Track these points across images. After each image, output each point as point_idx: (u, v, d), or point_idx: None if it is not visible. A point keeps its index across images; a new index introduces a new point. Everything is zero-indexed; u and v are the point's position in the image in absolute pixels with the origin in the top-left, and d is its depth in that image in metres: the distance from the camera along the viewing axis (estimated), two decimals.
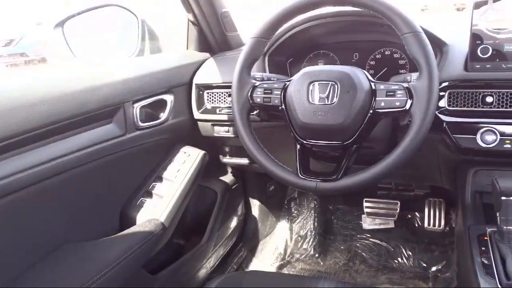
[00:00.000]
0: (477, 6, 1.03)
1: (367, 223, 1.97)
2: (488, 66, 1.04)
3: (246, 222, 1.93)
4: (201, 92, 1.45)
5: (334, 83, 0.96)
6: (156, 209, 1.26)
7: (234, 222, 1.81)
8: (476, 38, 1.04)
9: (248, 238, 1.92)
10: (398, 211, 1.86)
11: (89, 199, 1.17)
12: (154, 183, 1.34)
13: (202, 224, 1.58)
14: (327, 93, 0.96)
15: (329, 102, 0.96)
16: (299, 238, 2.02)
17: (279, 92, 1.04)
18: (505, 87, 1.02)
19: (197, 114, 1.45)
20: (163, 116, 1.37)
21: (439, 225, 1.81)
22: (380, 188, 1.93)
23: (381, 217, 1.92)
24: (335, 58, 1.41)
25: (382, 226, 1.95)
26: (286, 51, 1.41)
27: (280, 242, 2.01)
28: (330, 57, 1.41)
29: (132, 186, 1.32)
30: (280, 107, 1.04)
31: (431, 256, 1.83)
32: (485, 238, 0.98)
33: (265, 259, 1.92)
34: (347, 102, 0.94)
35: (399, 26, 0.93)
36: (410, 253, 1.86)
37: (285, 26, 1.24)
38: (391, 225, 1.94)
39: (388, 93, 0.93)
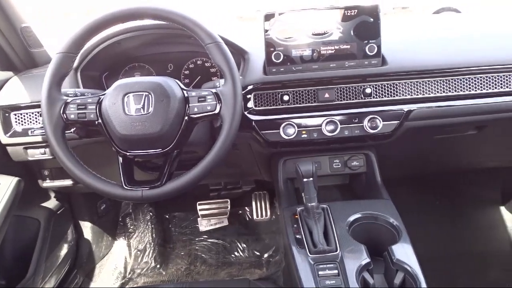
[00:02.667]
0: (267, 18, 1.19)
1: (204, 225, 2.06)
2: (282, 69, 1.21)
3: (79, 247, 1.82)
4: (6, 115, 1.32)
5: (148, 93, 0.99)
6: None
7: (64, 249, 1.69)
8: (270, 45, 1.19)
9: (82, 263, 1.81)
10: (229, 208, 2.00)
11: None
12: None
13: (26, 258, 1.43)
14: (142, 103, 0.99)
15: (145, 112, 0.98)
16: (139, 252, 1.99)
17: (94, 107, 1.02)
18: (297, 86, 1.20)
19: (4, 139, 1.32)
20: None
21: (266, 215, 2.01)
22: (212, 190, 2.04)
23: (215, 217, 2.03)
24: (151, 70, 1.44)
25: (217, 226, 2.07)
26: (100, 65, 1.39)
27: (119, 261, 1.95)
28: (146, 69, 1.44)
29: None
30: (96, 122, 1.02)
31: (263, 244, 2.01)
32: (296, 216, 1.13)
33: (104, 282, 1.84)
34: (163, 111, 0.98)
35: (201, 37, 1.01)
36: (245, 245, 2.01)
37: (95, 39, 1.23)
38: (225, 223, 2.07)
39: (200, 99, 1.01)
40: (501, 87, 1.22)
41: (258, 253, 1.97)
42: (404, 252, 1.00)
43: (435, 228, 1.87)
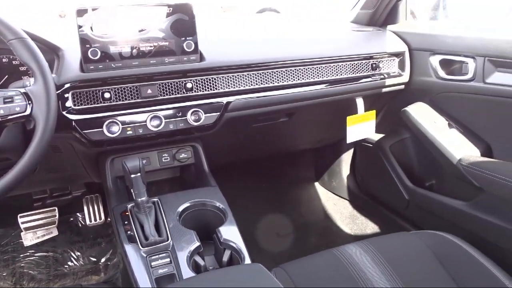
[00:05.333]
0: (79, 13, 1.13)
1: (29, 239, 1.87)
2: (101, 66, 1.17)
3: None
4: None
5: None
6: None
7: None
8: (85, 42, 1.15)
9: None
10: (57, 217, 1.86)
11: None
12: None
13: None
14: None
15: None
16: None
17: None
18: (118, 83, 1.19)
19: None
20: None
21: (100, 219, 1.93)
22: (35, 200, 1.87)
23: (42, 228, 1.86)
24: None
25: (45, 237, 1.90)
26: None
27: None
28: None
29: None
30: None
31: (99, 249, 1.93)
32: (127, 213, 1.13)
33: None
34: None
35: (2, 33, 0.93)
36: (79, 253, 1.90)
37: None
38: (55, 233, 1.91)
39: (6, 100, 0.92)
40: (302, 79, 1.41)
41: (94, 259, 1.89)
42: (230, 232, 1.09)
43: (263, 207, 2.07)
